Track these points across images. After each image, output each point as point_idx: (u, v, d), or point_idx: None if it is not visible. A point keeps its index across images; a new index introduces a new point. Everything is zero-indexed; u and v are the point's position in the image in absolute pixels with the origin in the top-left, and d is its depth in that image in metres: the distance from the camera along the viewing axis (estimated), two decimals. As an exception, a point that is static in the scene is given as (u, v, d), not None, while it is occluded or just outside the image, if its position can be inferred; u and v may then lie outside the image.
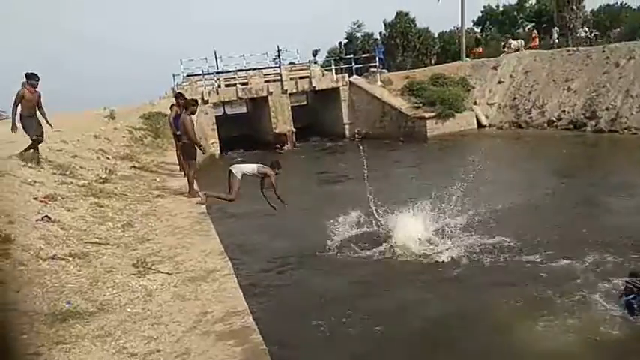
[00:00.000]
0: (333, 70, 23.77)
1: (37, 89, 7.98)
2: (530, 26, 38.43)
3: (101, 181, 8.09)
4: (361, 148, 9.43)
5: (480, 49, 26.80)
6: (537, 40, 24.97)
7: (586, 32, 23.98)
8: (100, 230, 6.02)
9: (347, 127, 23.03)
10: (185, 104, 8.48)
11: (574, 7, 26.14)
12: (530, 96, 19.97)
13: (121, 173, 9.36)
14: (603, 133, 16.48)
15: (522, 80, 20.74)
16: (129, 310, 4.09)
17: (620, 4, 39.77)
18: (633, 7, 38.55)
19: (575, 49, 20.77)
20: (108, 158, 10.32)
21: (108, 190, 7.61)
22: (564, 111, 18.36)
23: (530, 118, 19.34)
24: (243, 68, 23.45)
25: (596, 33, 24.75)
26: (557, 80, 19.42)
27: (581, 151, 15.45)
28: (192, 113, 8.42)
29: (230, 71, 23.28)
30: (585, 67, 18.83)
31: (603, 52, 18.80)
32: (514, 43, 24.39)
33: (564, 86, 19.00)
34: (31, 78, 7.90)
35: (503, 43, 25.97)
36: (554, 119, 18.46)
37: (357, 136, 18.23)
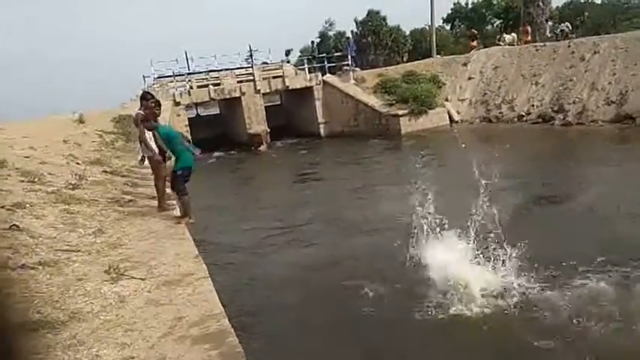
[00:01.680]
0: (306, 69, 23.78)
1: None
2: (498, 22, 39.09)
3: (71, 187, 7.90)
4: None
5: (475, 43, 26.99)
6: (529, 34, 25.34)
7: (568, 27, 24.17)
8: (70, 237, 5.89)
9: (322, 125, 23.09)
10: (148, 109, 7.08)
11: (540, 4, 26.75)
12: (499, 91, 20.36)
13: (91, 178, 9.17)
14: (571, 126, 16.91)
15: (492, 76, 21.13)
16: (101, 317, 4.02)
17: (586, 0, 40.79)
18: (597, 2, 39.62)
19: (542, 44, 21.25)
20: (78, 163, 10.09)
21: (78, 196, 7.44)
22: (533, 105, 18.78)
23: (501, 112, 19.72)
24: (215, 69, 23.28)
25: (562, 29, 25.33)
26: (526, 75, 19.86)
27: (551, 144, 15.89)
28: (153, 118, 7.07)
29: (202, 72, 23.08)
30: (552, 62, 19.31)
31: (569, 46, 19.29)
32: (508, 37, 24.83)
33: (532, 81, 19.44)
34: None
35: (498, 37, 26.33)
36: (524, 113, 18.87)
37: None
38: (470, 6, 45.50)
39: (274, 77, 23.06)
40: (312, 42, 35.45)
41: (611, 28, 22.11)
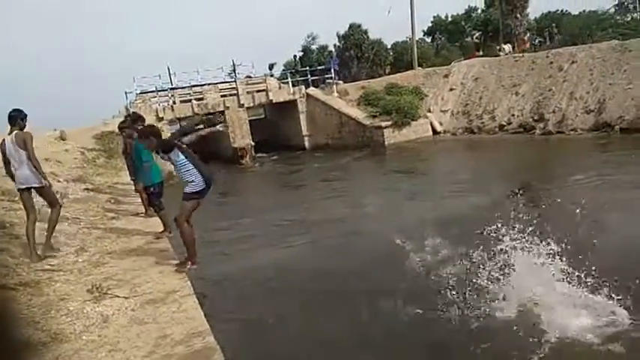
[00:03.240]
0: (290, 82, 23.88)
1: None
2: (477, 34, 39.78)
3: (52, 205, 7.79)
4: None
5: (480, 53, 27.37)
6: (526, 43, 25.80)
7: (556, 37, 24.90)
8: (51, 257, 5.80)
9: (306, 138, 23.16)
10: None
11: (518, 15, 27.37)
12: (480, 102, 20.65)
13: (73, 196, 9.05)
14: (552, 135, 17.19)
15: (473, 87, 21.44)
16: (84, 338, 3.94)
17: (561, 11, 41.77)
18: (574, 14, 40.62)
19: (521, 55, 21.66)
20: (59, 181, 9.95)
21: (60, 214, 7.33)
22: (514, 115, 19.06)
23: (482, 123, 19.98)
24: (198, 83, 23.24)
25: (541, 39, 25.94)
26: (506, 85, 20.19)
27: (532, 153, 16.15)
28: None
29: (185, 87, 23.01)
30: (531, 72, 19.66)
31: (547, 57, 19.69)
32: (506, 47, 25.39)
33: (512, 91, 19.76)
34: None
35: (498, 47, 26.88)
36: (505, 123, 19.14)
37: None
38: (449, 19, 46.35)
39: (258, 91, 23.11)
40: (295, 56, 35.72)
41: (588, 39, 22.67)
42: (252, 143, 22.03)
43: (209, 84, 23.60)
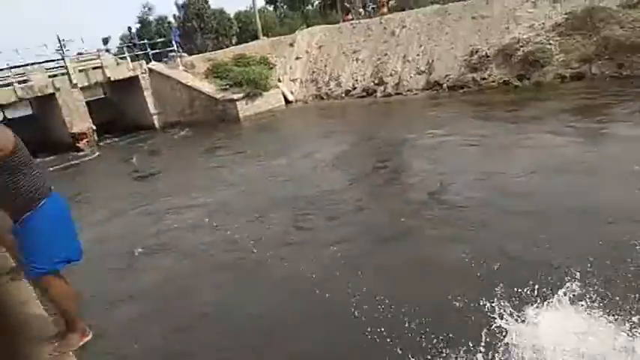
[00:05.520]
0: (128, 58, 22.16)
1: None
2: (317, 3, 40.83)
3: None
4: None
5: (350, 16, 27.32)
6: (385, 6, 26.45)
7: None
8: None
9: (155, 117, 21.91)
10: None
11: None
12: (326, 69, 21.44)
13: None
14: (391, 97, 18.61)
15: (317, 55, 22.12)
16: None
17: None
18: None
19: (357, 21, 22.82)
20: None
21: None
22: (357, 80, 20.18)
23: (330, 89, 20.82)
24: (19, 64, 20.41)
25: (373, 6, 27.46)
26: (347, 52, 21.20)
27: (374, 115, 17.38)
28: None
29: (3, 69, 20.04)
30: (368, 38, 20.89)
31: (381, 23, 21.04)
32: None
33: (353, 57, 20.84)
34: None
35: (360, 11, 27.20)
36: (350, 88, 20.20)
37: None
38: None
39: (93, 68, 21.06)
40: (130, 28, 33.19)
41: (414, 4, 24.74)
42: (94, 127, 20.19)
43: (33, 64, 20.86)
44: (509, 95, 14.92)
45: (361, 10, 27.41)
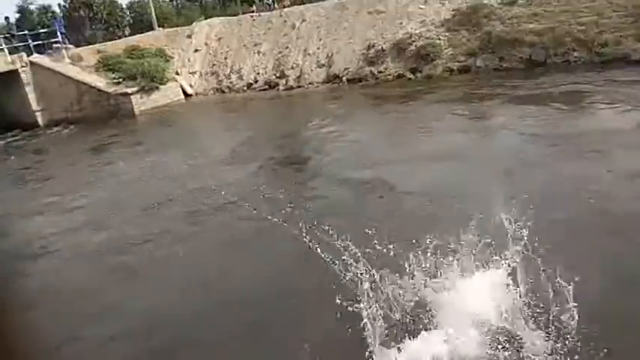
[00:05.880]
0: (6, 50, 20.09)
1: None
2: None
3: None
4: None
5: (254, 8, 26.38)
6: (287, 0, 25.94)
7: None
8: None
9: (38, 114, 20.08)
10: None
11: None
12: (227, 62, 20.95)
13: None
14: (293, 89, 18.61)
15: (217, 47, 21.55)
16: None
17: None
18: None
19: (257, 14, 22.54)
20: None
21: None
22: (259, 73, 19.95)
23: (231, 82, 20.38)
24: None
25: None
26: (248, 45, 20.86)
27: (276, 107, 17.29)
28: None
29: None
30: (269, 31, 20.70)
31: (281, 16, 20.95)
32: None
33: (254, 50, 20.56)
34: None
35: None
36: (252, 81, 19.92)
37: None
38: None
39: (-38, 61, 18.83)
40: (7, 17, 30.15)
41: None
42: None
43: None
44: (404, 88, 15.53)
45: (269, 1, 27.14)
